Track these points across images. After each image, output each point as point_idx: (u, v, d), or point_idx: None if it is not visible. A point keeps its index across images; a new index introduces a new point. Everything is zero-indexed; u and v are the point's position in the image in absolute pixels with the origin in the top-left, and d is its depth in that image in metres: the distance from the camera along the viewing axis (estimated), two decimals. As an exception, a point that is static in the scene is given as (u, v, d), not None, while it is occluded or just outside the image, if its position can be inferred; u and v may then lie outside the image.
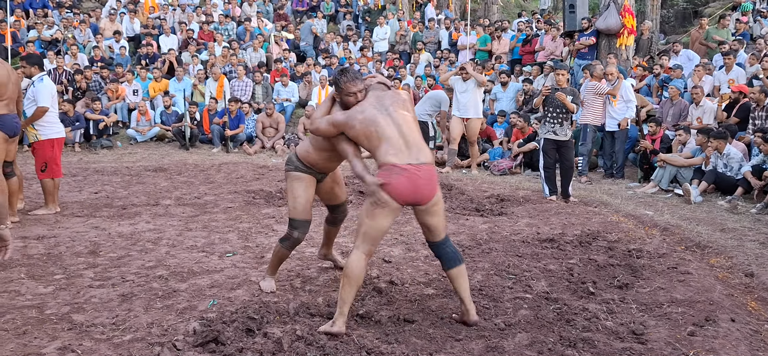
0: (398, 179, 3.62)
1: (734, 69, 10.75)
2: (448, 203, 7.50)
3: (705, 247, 5.84)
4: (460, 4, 19.85)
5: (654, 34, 14.92)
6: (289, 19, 18.36)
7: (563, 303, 4.20)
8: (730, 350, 3.53)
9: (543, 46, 14.06)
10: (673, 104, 10.30)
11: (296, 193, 4.30)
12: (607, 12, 12.30)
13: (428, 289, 4.47)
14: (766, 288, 4.78)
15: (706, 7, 19.24)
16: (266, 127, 12.50)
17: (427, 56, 15.27)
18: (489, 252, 5.44)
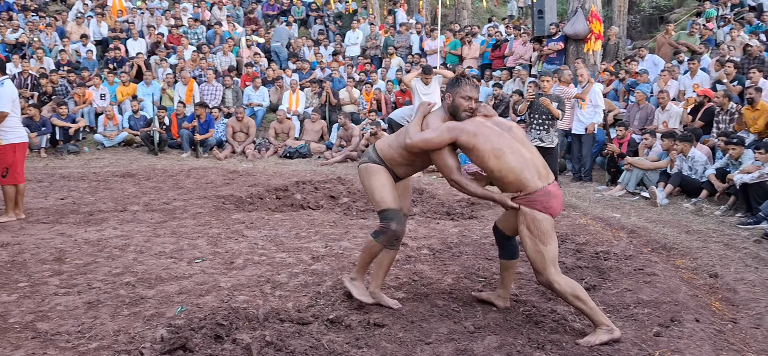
0: (558, 201, 3.79)
1: (699, 74, 10.96)
2: (418, 207, 7.52)
3: (671, 249, 5.94)
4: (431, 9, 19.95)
5: (621, 39, 15.13)
6: (259, 23, 18.27)
7: (532, 306, 4.24)
8: (694, 350, 3.59)
9: (512, 51, 14.17)
10: (640, 108, 10.46)
11: (380, 182, 4.06)
12: (574, 17, 12.45)
13: (399, 293, 4.48)
14: (729, 288, 4.88)
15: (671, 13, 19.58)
16: (236, 131, 12.42)
17: (398, 61, 15.31)
18: (459, 255, 5.46)
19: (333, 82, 14.01)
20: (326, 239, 6.00)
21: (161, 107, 12.78)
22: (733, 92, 9.84)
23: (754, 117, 8.83)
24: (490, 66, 14.52)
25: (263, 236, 6.07)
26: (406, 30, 16.57)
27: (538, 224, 3.69)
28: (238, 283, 4.67)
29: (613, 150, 9.41)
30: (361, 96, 13.60)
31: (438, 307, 4.15)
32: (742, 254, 5.82)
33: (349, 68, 14.87)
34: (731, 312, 4.38)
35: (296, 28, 18.19)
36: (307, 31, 18.75)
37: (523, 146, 3.82)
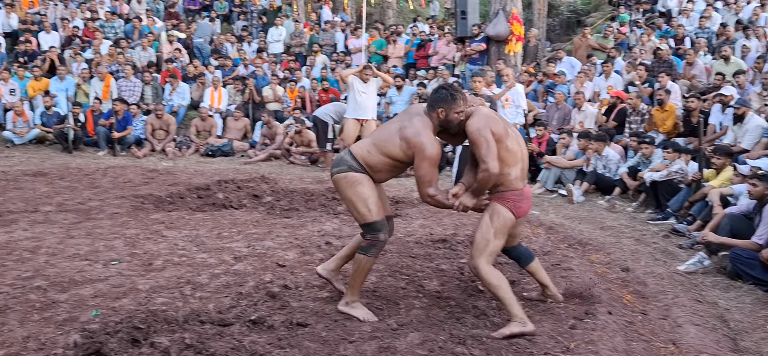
0: (528, 204, 3.98)
1: (612, 76, 11.40)
2: (343, 206, 7.52)
3: (586, 244, 6.16)
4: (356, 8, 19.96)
5: (540, 41, 15.57)
6: (180, 18, 17.82)
7: (454, 302, 4.31)
8: (607, 341, 3.74)
9: (436, 50, 14.36)
10: (558, 108, 10.80)
11: (364, 194, 3.91)
12: (496, 19, 12.73)
13: (322, 292, 4.47)
14: (640, 281, 5.11)
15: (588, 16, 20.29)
16: (156, 129, 12.08)
17: (323, 58, 15.24)
18: (383, 254, 5.47)
19: (257, 80, 13.82)
20: (249, 238, 5.91)
21: (76, 103, 12.28)
22: (644, 94, 10.29)
23: (663, 118, 9.27)
24: (414, 65, 14.66)
25: (184, 237, 5.93)
26: (331, 28, 16.52)
27: (501, 219, 3.87)
28: (156, 285, 4.55)
29: (532, 149, 9.65)
30: (286, 94, 13.48)
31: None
32: (651, 249, 6.10)
33: (273, 66, 14.70)
34: (641, 304, 4.59)
35: (219, 24, 17.84)
36: (230, 27, 18.42)
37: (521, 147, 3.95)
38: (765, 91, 9.25)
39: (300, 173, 10.14)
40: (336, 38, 16.23)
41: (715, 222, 5.88)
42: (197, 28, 16.35)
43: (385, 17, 19.95)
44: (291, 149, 11.33)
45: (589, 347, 3.65)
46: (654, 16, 16.16)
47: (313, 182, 9.17)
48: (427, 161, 3.80)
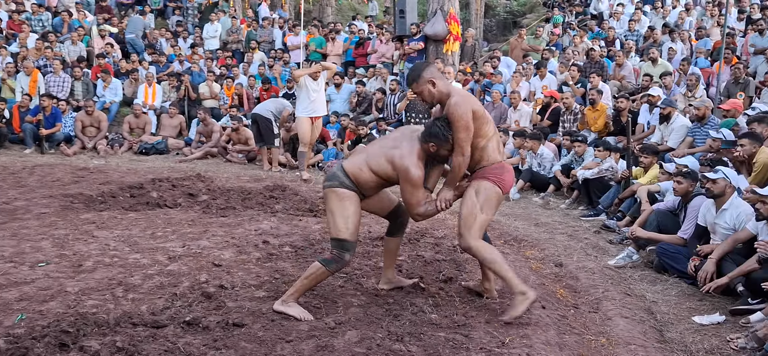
0: (510, 176, 4.11)
1: (547, 76, 11.67)
2: (281, 204, 7.45)
3: (521, 240, 6.29)
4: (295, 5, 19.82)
5: (477, 41, 15.79)
6: (112, 12, 17.31)
7: (392, 299, 4.33)
8: (540, 335, 3.83)
9: (375, 49, 14.39)
10: (495, 107, 10.98)
11: (348, 212, 3.98)
12: (434, 18, 12.84)
13: (259, 291, 4.42)
14: (572, 276, 5.24)
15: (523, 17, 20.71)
16: (87, 126, 11.70)
17: (260, 55, 15.07)
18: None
19: (192, 76, 13.54)
20: (184, 238, 5.80)
21: (1, 98, 11.78)
22: (577, 94, 10.57)
23: (595, 117, 9.53)
24: (353, 63, 14.66)
25: (115, 237, 5.76)
26: (268, 25, 16.35)
27: (486, 193, 3.98)
28: (86, 287, 4.41)
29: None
30: (222, 91, 13.27)
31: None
32: (583, 245, 6.26)
33: (210, 62, 14.45)
34: (573, 298, 4.71)
35: (152, 19, 17.41)
36: (165, 22, 18.01)
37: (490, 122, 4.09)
38: (689, 92, 9.63)
39: (237, 171, 9.99)
40: (274, 35, 16.06)
41: (643, 218, 6.10)
42: (130, 23, 15.91)
43: (323, 15, 19.90)
44: (228, 146, 11.16)
45: (524, 341, 3.72)
46: (586, 18, 16.62)
47: (251, 180, 9.05)
48: (410, 183, 3.92)
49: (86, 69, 13.57)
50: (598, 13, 16.75)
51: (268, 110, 10.20)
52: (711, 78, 10.49)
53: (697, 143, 7.88)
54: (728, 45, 10.69)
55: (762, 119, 6.63)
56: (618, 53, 11.99)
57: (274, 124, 10.12)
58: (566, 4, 18.07)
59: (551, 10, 17.74)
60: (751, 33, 11.81)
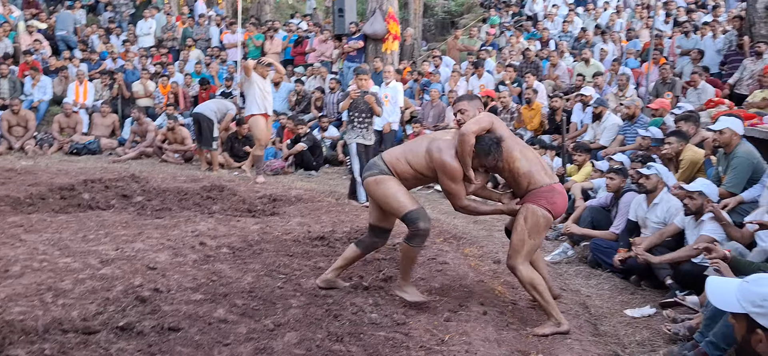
0: (562, 199, 4.16)
1: (484, 75, 11.84)
2: (218, 205, 7.33)
3: (460, 238, 6.35)
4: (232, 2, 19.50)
5: (416, 40, 15.89)
6: (40, 7, 16.67)
7: (332, 299, 4.31)
8: (479, 332, 3.88)
9: (313, 47, 14.32)
10: (433, 106, 11.07)
11: (393, 189, 4.15)
12: (373, 17, 12.86)
13: (196, 294, 4.33)
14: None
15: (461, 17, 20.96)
16: (13, 126, 11.25)
17: (197, 53, 14.78)
18: (260, 253, 5.41)
19: (126, 74, 13.18)
20: (117, 241, 5.63)
21: None
22: (514, 93, 10.76)
23: (531, 116, 9.73)
24: (292, 62, 14.54)
25: (45, 241, 5.55)
26: (205, 22, 16.05)
27: (535, 217, 4.06)
28: (13, 293, 4.22)
29: (409, 146, 9.84)
30: (157, 89, 12.96)
31: (237, 307, 4.07)
32: (521, 241, 6.37)
33: (144, 60, 14.08)
34: (511, 294, 4.78)
35: (83, 14, 16.86)
36: (96, 18, 17.46)
37: (527, 148, 4.27)
38: (620, 91, 9.93)
39: (173, 171, 9.78)
40: (210, 33, 15.78)
41: (576, 214, 6.25)
42: (60, 19, 15.36)
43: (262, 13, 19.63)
44: (164, 146, 10.91)
45: (463, 338, 3.76)
46: (522, 19, 16.93)
47: (187, 180, 8.87)
48: (447, 175, 4.05)
49: (13, 66, 13.04)
50: (533, 14, 17.09)
51: (211, 110, 10.00)
52: (640, 78, 10.84)
53: (627, 141, 8.14)
54: (656, 46, 11.07)
55: (688, 118, 6.89)
56: (552, 54, 12.27)
57: (215, 126, 9.93)
58: (502, 5, 18.38)
59: (488, 10, 18.01)
60: (678, 35, 12.26)
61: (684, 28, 12.05)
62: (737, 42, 10.63)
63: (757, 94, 8.61)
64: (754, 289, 1.97)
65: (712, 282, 2.15)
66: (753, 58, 9.68)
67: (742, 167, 5.23)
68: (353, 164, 7.89)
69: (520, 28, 15.53)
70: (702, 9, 14.92)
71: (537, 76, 11.16)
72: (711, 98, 9.04)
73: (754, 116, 7.62)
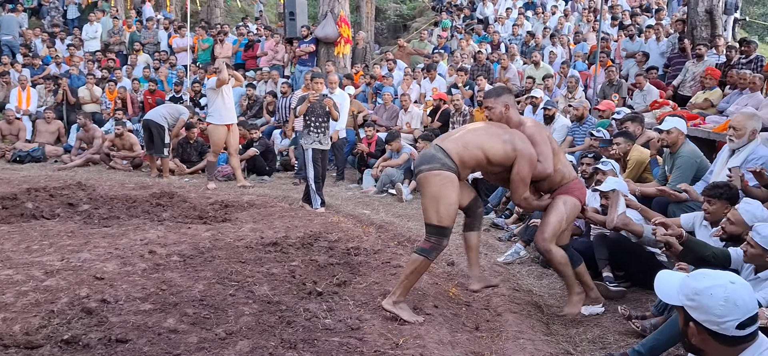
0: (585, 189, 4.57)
1: (437, 79, 11.91)
2: (168, 212, 7.19)
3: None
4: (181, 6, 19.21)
5: (369, 44, 15.90)
6: (-21, 11, 16.14)
7: (285, 306, 4.26)
8: (433, 334, 3.88)
9: (265, 51, 14.19)
10: (386, 109, 11.08)
11: (451, 198, 3.98)
12: (324, 21, 12.82)
13: (145, 304, 4.22)
14: (463, 274, 5.35)
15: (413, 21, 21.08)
16: (-49, 133, 10.85)
17: (145, 58, 14.50)
18: (212, 260, 5.31)
19: (71, 79, 12.84)
20: (63, 251, 5.46)
21: None
22: (466, 96, 10.85)
23: (483, 118, 9.81)
24: (243, 66, 14.38)
25: (-15, 253, 5.35)
26: (153, 26, 15.75)
27: (573, 206, 4.34)
28: (-50, 308, 4.05)
29: (362, 149, 9.84)
30: (105, 95, 12.66)
31: (188, 316, 3.98)
32: (474, 243, 6.41)
33: (91, 64, 13.75)
34: (465, 296, 4.81)
35: (26, 18, 16.37)
36: (40, 21, 16.98)
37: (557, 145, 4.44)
38: (570, 93, 10.10)
39: (121, 178, 9.56)
40: (159, 37, 15.50)
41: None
42: (4, 23, 14.88)
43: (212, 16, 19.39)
44: (111, 153, 10.65)
45: (417, 341, 3.76)
46: (473, 22, 17.11)
47: (136, 187, 8.68)
48: (528, 167, 4.11)
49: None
50: (484, 17, 17.29)
51: (161, 116, 9.80)
52: (588, 80, 11.06)
53: (577, 142, 8.28)
54: (603, 49, 11.31)
55: (634, 119, 7.05)
56: (503, 57, 12.42)
57: (166, 132, 9.73)
58: (454, 8, 18.54)
59: (440, 14, 18.15)
60: (623, 38, 12.55)
61: (629, 32, 12.34)
62: (679, 45, 10.93)
63: (699, 95, 8.87)
64: (691, 283, 2.04)
65: (661, 275, 2.21)
66: (694, 60, 9.97)
67: (687, 166, 5.38)
68: (308, 171, 7.79)
69: (471, 31, 15.68)
70: (646, 12, 15.32)
71: (488, 79, 11.28)
72: (656, 99, 9.28)
73: (697, 117, 7.85)
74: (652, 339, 3.51)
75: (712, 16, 10.85)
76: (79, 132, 11.09)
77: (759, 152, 4.92)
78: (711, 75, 8.90)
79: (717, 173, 5.11)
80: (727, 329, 1.96)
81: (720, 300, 1.96)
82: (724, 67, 9.56)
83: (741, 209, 3.93)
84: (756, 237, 3.43)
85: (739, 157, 4.98)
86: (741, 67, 8.96)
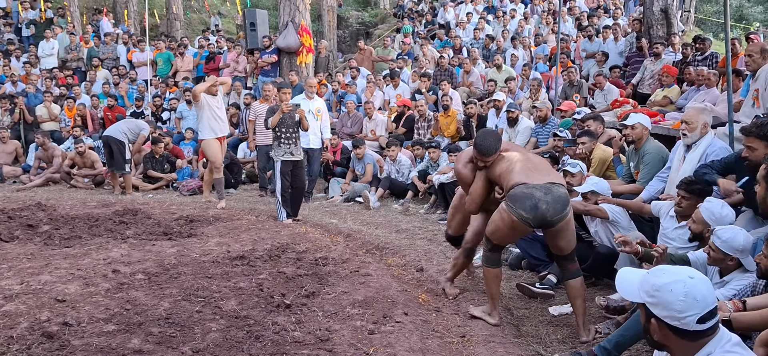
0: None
1: (400, 85, 11.93)
2: (132, 229, 7.06)
3: (383, 248, 6.34)
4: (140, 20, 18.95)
5: (332, 52, 15.87)
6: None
7: (253, 320, 4.20)
8: (404, 342, 3.86)
9: (227, 63, 14.05)
10: (350, 116, 11.06)
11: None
12: (285, 31, 12.75)
13: (109, 325, 4.12)
14: (433, 280, 5.34)
15: (375, 28, 21.12)
16: None
17: (105, 73, 14.26)
18: (177, 277, 5.22)
19: (28, 98, 12.56)
20: (22, 274, 5.30)
21: None
22: (430, 101, 10.88)
23: (448, 123, 9.86)
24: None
25: (-60, 279, 5.17)
26: (111, 41, 15.50)
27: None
28: None
29: (327, 158, 9.80)
30: (63, 112, 12.41)
31: (153, 335, 3.90)
32: (443, 248, 6.41)
33: (48, 82, 13.46)
34: (435, 302, 4.79)
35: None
36: (-6, 40, 16.59)
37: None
38: (533, 95, 10.20)
39: (83, 197, 9.37)
40: (118, 51, 15.26)
41: None
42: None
43: (172, 29, 19.17)
44: (72, 171, 10.44)
45: (388, 350, 3.74)
46: (434, 28, 17.19)
47: (98, 205, 8.51)
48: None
49: None
50: (445, 22, 17.38)
51: (121, 131, 9.62)
52: (550, 81, 11.19)
53: (540, 143, 8.36)
54: (563, 50, 11.46)
55: (595, 118, 7.14)
56: (465, 61, 12.49)
57: (126, 148, 9.56)
58: (415, 14, 18.62)
59: (401, 20, 18.21)
60: (582, 38, 12.73)
61: (587, 32, 12.52)
62: (637, 44, 11.13)
63: (658, 93, 9.03)
64: (651, 280, 2.06)
65: (621, 273, 2.23)
66: (652, 58, 10.15)
67: (654, 162, 5.45)
68: (276, 183, 7.69)
69: (433, 37, 15.75)
70: (605, 13, 15.56)
71: (451, 83, 11.34)
72: (616, 98, 9.42)
73: (657, 114, 7.97)
74: (617, 335, 3.55)
75: (667, 15, 11.07)
76: (38, 151, 10.85)
77: (716, 144, 5.00)
78: (668, 73, 9.06)
79: (675, 169, 5.19)
80: (688, 324, 1.98)
81: (680, 296, 1.98)
82: (681, 64, 9.75)
83: (702, 208, 4.00)
84: (717, 242, 3.50)
85: (696, 151, 5.06)
86: (697, 64, 9.15)
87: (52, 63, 14.95)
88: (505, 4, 17.64)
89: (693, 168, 5.03)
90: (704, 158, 4.98)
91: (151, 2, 18.12)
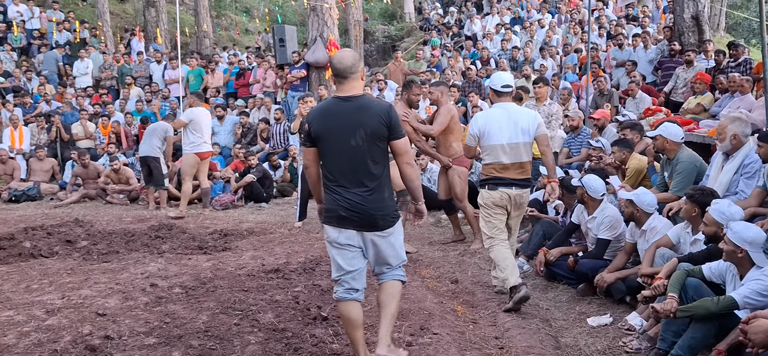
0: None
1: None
2: (168, 244, 7.15)
3: (417, 261, 6.33)
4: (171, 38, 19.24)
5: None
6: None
7: (291, 332, 4.22)
8: (442, 354, 3.85)
9: (257, 78, 14.21)
10: (380, 130, 11.09)
11: None
12: (314, 46, 12.87)
13: (149, 339, 4.17)
14: (468, 291, 5.33)
15: (402, 41, 21.19)
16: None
17: (137, 91, 14.50)
18: (214, 290, 5.27)
19: (64, 116, 12.82)
20: (63, 289, 5.41)
21: None
22: (459, 113, 10.87)
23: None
24: (235, 95, 14.40)
25: (-16, 295, 5.29)
26: (143, 59, 15.77)
27: (461, 171, 6.64)
28: (-48, 353, 4.00)
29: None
30: (98, 130, 12.64)
31: (193, 348, 3.94)
32: (476, 259, 6.40)
33: (82, 100, 13.73)
34: (471, 313, 4.78)
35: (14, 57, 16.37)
36: (30, 60, 16.97)
37: None
38: (563, 105, 10.13)
39: (119, 212, 9.52)
40: (151, 69, 15.52)
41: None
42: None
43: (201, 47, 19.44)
44: (107, 188, 10.61)
45: (427, 362, 3.73)
46: (461, 40, 17.19)
47: (134, 221, 8.64)
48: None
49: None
50: (472, 34, 17.38)
51: (153, 147, 9.67)
52: (580, 91, 11.11)
53: (573, 153, 8.30)
54: (593, 59, 11.38)
55: (634, 126, 7.02)
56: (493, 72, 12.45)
57: (162, 162, 9.68)
58: (442, 27, 18.65)
59: (428, 32, 18.25)
60: (612, 47, 12.63)
61: (617, 41, 12.42)
62: (669, 51, 11.00)
63: (691, 100, 8.92)
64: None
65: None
66: (684, 66, 10.03)
67: (687, 171, 5.37)
68: (300, 186, 8.00)
69: (461, 48, 15.75)
70: (633, 21, 15.44)
71: (480, 94, 11.32)
72: (649, 106, 9.32)
73: (691, 122, 7.88)
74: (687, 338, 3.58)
75: (698, 21, 10.95)
76: (75, 168, 11.05)
77: (753, 156, 4.92)
78: (701, 80, 8.95)
79: (713, 178, 5.12)
80: None
81: None
82: (714, 71, 9.62)
83: (711, 210, 4.11)
84: (729, 234, 3.65)
85: (734, 162, 4.99)
86: (730, 71, 9.02)
87: (87, 82, 15.26)
88: (532, 14, 17.58)
89: (730, 179, 4.97)
90: (742, 168, 4.91)
91: (182, 21, 18.39)
